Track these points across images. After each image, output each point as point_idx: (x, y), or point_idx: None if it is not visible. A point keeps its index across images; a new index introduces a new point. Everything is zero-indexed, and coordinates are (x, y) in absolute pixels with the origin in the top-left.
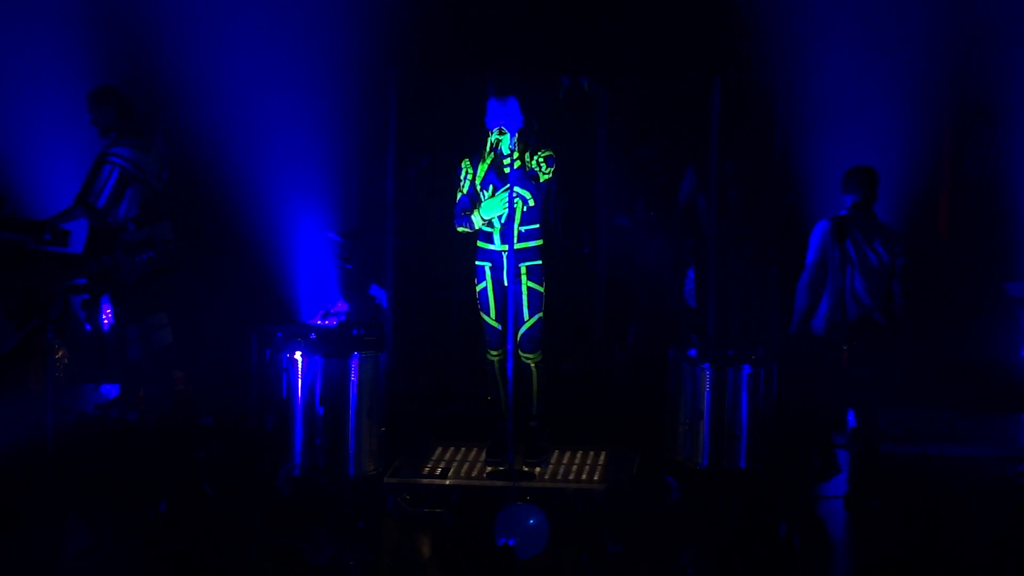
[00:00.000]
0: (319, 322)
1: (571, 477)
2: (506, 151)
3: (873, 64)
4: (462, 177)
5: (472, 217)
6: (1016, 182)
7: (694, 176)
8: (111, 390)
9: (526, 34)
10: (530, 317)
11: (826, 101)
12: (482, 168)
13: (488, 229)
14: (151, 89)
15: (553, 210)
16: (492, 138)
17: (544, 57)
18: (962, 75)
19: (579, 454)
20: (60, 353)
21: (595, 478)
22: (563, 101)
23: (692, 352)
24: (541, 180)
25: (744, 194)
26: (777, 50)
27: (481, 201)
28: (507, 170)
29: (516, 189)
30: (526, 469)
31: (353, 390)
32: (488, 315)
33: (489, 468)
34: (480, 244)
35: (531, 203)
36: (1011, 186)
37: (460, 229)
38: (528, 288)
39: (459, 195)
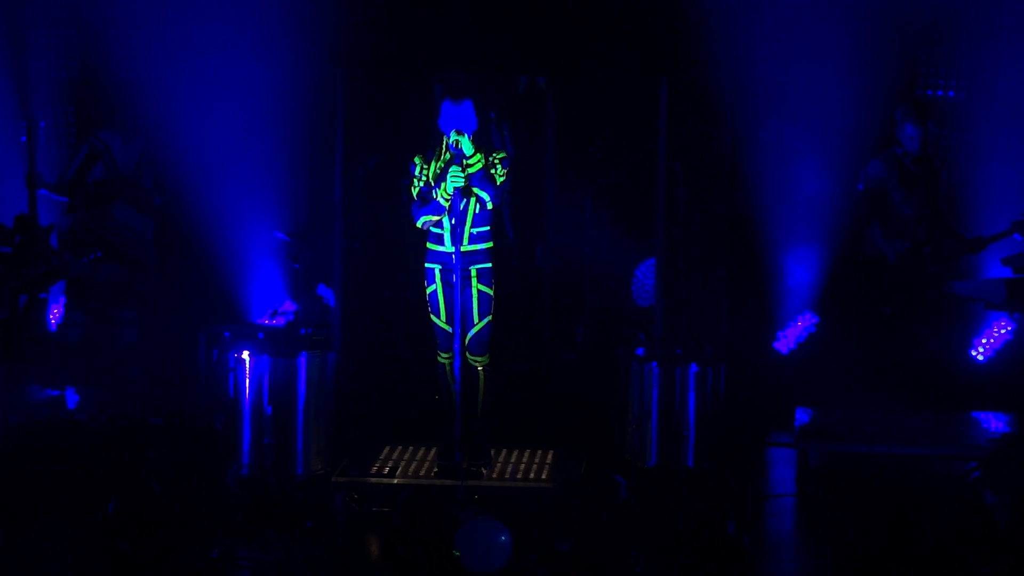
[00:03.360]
0: (267, 322)
1: (519, 476)
2: (468, 152)
3: (821, 63)
4: (416, 174)
5: (436, 195)
6: (963, 180)
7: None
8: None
9: (474, 34)
10: (479, 320)
11: (774, 101)
12: (436, 165)
13: (438, 230)
14: (101, 89)
15: (509, 211)
16: (451, 140)
17: (491, 57)
18: (910, 73)
19: (527, 453)
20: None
21: (543, 477)
22: (520, 97)
23: (640, 351)
24: (498, 182)
25: (692, 194)
26: (725, 50)
27: (436, 199)
28: (472, 170)
29: (475, 190)
30: (473, 470)
31: (301, 390)
32: (438, 318)
33: (436, 469)
34: (430, 246)
35: (489, 205)
36: (958, 184)
37: (421, 222)
38: (478, 291)
39: (414, 191)
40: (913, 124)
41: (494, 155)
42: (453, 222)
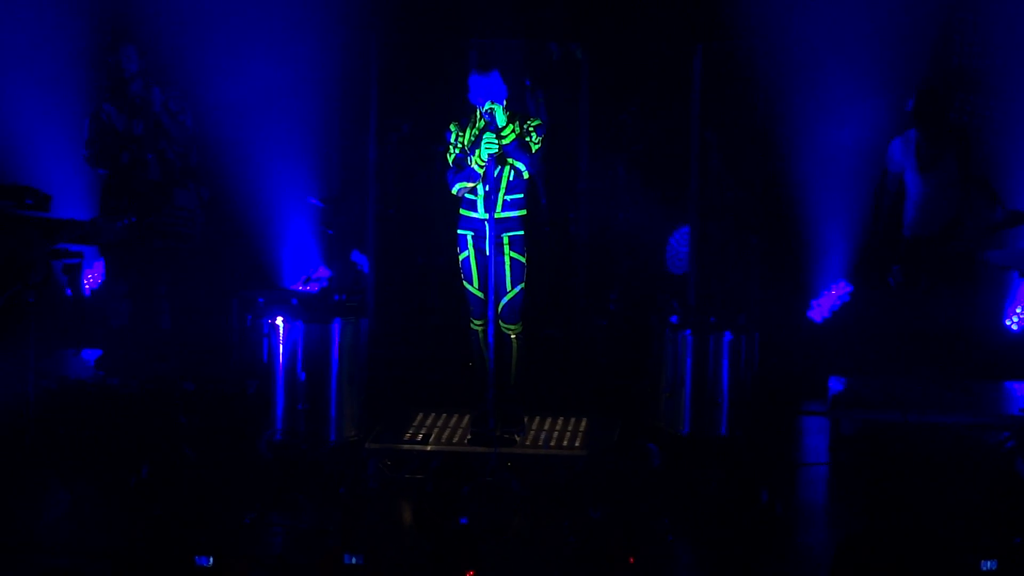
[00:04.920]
0: (301, 288)
1: (552, 444)
2: (502, 122)
3: (856, 30)
4: (452, 141)
5: (471, 162)
6: (996, 148)
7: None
8: (92, 356)
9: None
10: (512, 288)
11: (808, 69)
12: (471, 133)
13: (472, 197)
14: (129, 55)
15: (542, 179)
16: (485, 108)
17: (525, 23)
18: (944, 40)
19: (560, 421)
20: None
21: (576, 445)
22: (554, 64)
23: (674, 319)
24: (533, 151)
25: (726, 162)
26: (759, 17)
27: (470, 166)
28: (506, 140)
29: (511, 160)
30: (506, 437)
31: (334, 356)
32: (471, 284)
33: (469, 436)
34: (463, 212)
35: (525, 174)
36: (991, 152)
37: (456, 189)
38: (511, 259)
39: (450, 159)
40: (916, 125)
41: (528, 122)
42: (487, 189)
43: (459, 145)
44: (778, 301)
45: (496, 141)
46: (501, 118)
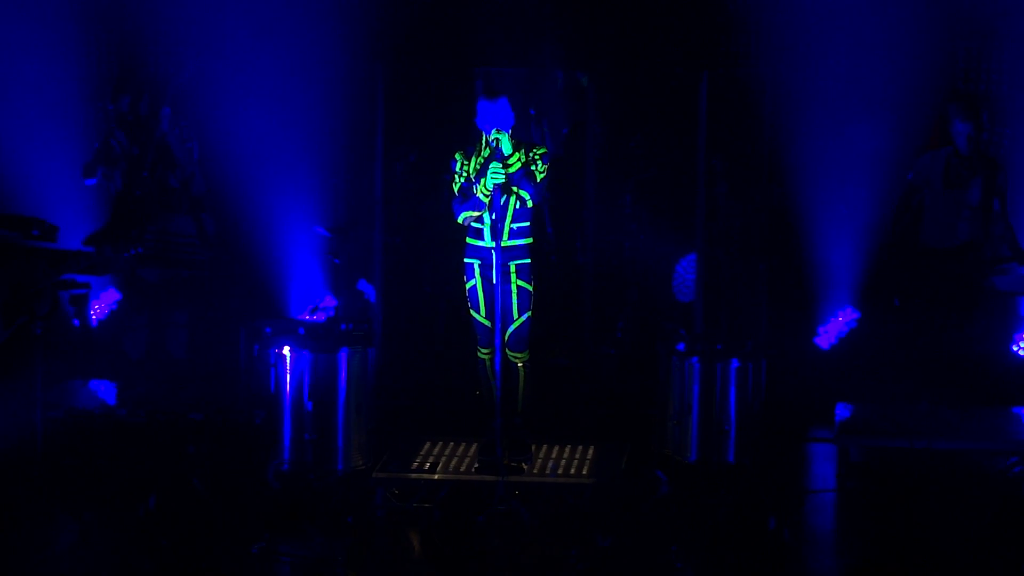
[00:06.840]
0: (307, 317)
1: (560, 472)
2: (508, 151)
3: (861, 58)
4: (457, 170)
5: (476, 191)
6: (1011, 178)
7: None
8: (100, 386)
9: (513, 28)
10: (519, 316)
11: (814, 96)
12: (476, 161)
13: (478, 225)
14: (139, 85)
15: (548, 207)
16: (491, 137)
17: (531, 51)
18: (950, 67)
19: (568, 449)
20: None
21: (584, 473)
22: (559, 92)
23: (681, 346)
24: (538, 179)
25: (733, 189)
26: (764, 45)
27: (476, 195)
28: (511, 169)
29: (515, 189)
30: (514, 465)
31: (342, 385)
32: (478, 313)
33: (477, 465)
34: (469, 240)
35: (529, 203)
36: (1012, 182)
37: (462, 218)
38: (517, 287)
39: (455, 187)
40: (961, 120)
41: (534, 151)
42: (493, 217)
43: (464, 174)
44: (785, 328)
45: (502, 170)
46: (507, 147)
